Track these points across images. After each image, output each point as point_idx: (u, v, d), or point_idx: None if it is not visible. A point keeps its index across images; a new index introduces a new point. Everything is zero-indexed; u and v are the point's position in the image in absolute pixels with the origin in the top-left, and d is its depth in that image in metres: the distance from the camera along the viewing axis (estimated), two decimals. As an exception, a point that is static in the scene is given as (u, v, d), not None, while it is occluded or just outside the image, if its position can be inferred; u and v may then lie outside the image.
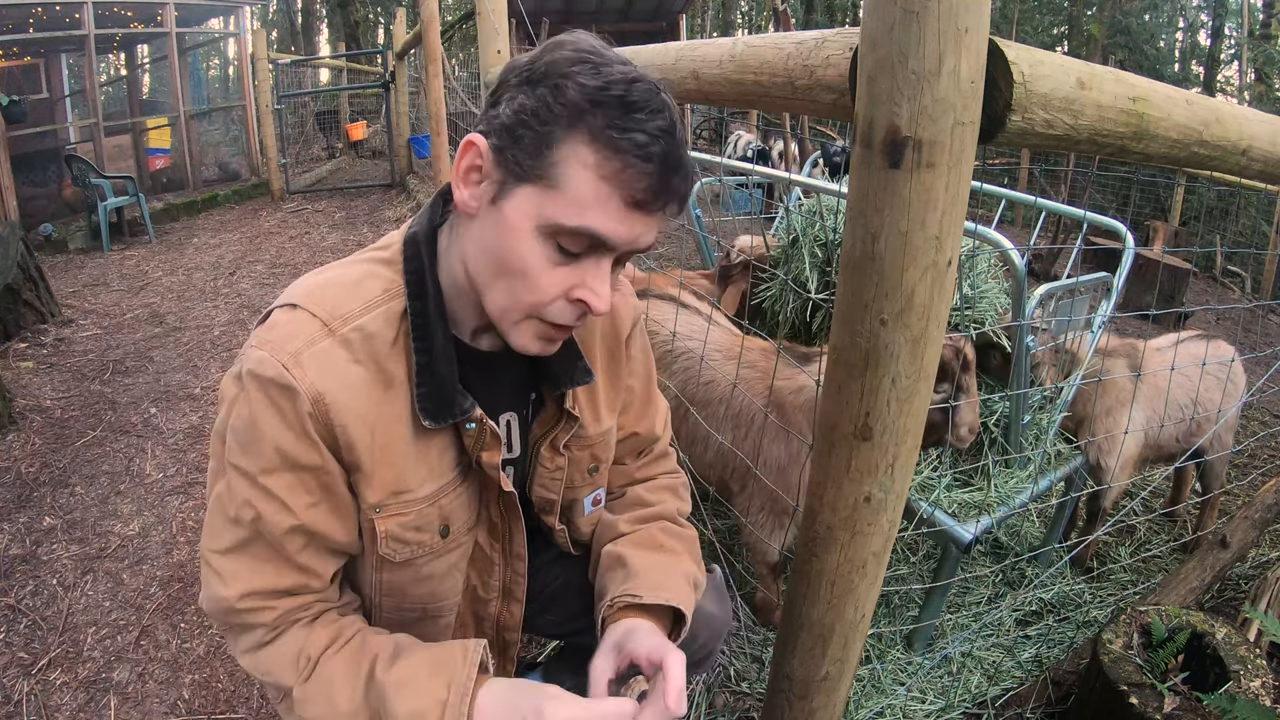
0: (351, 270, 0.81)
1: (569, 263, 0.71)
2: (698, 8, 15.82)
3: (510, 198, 0.70)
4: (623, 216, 0.69)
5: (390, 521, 0.81)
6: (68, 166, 6.25)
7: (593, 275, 0.72)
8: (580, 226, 0.68)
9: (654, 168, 0.67)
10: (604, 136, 0.66)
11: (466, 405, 0.79)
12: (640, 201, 0.68)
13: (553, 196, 0.68)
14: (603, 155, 0.67)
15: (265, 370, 0.73)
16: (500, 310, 0.75)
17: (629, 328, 0.99)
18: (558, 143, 0.67)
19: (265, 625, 0.78)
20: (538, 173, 0.68)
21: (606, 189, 0.67)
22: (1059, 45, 15.27)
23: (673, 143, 0.68)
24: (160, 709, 1.65)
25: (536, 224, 0.69)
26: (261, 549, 0.77)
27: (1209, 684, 1.44)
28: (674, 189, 0.70)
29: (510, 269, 0.71)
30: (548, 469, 0.94)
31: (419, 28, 5.37)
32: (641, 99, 0.67)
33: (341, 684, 0.76)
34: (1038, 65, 0.73)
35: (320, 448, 0.75)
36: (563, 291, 0.72)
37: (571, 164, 0.67)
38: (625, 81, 0.67)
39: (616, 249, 0.71)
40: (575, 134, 0.67)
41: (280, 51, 14.36)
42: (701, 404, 1.82)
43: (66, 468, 2.62)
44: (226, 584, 0.77)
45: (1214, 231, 7.96)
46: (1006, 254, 1.55)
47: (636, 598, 0.89)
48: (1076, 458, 2.02)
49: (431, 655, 0.78)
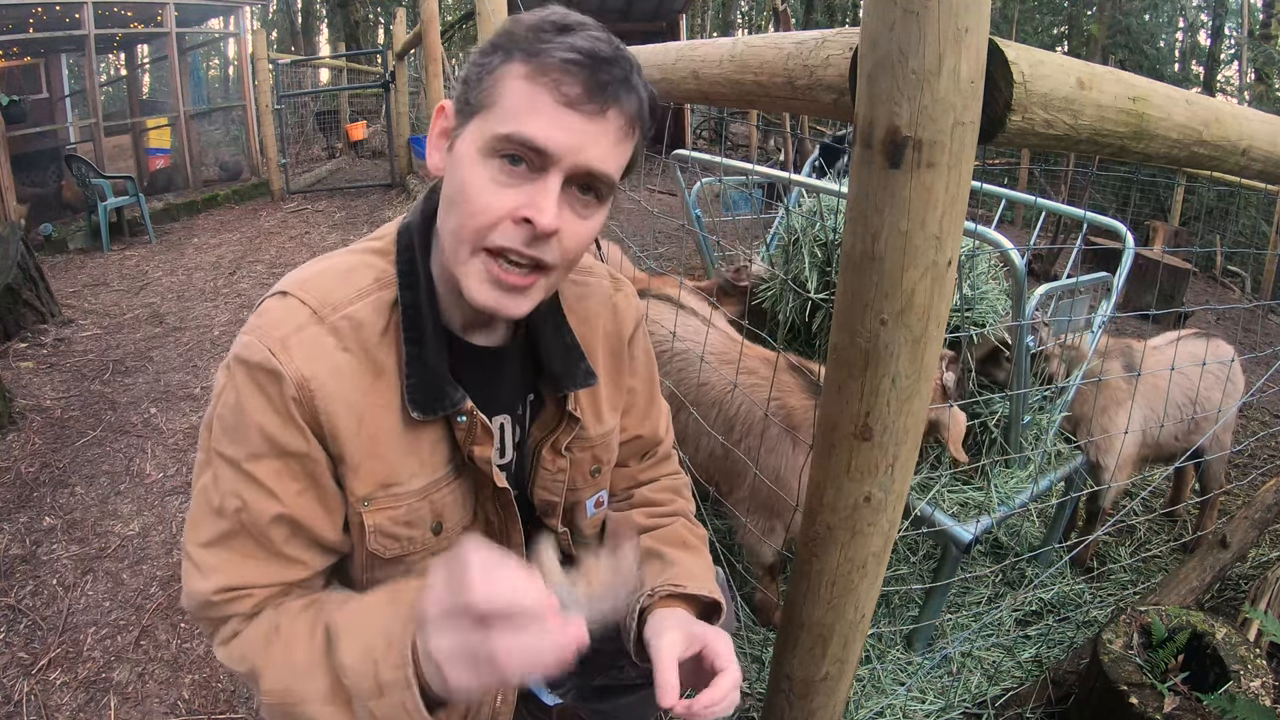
0: (345, 259, 0.81)
1: (514, 184, 0.70)
2: (698, 8, 15.82)
3: (461, 136, 0.72)
4: (555, 116, 0.68)
5: (379, 515, 0.79)
6: (68, 166, 6.25)
7: (539, 193, 0.69)
8: (513, 131, 0.68)
9: (583, 60, 0.67)
10: (534, 49, 0.68)
11: (457, 397, 0.78)
12: (572, 98, 0.68)
13: (491, 115, 0.70)
14: (533, 65, 0.68)
15: (252, 355, 0.72)
16: (452, 250, 0.73)
17: (632, 328, 0.98)
18: (498, 71, 0.70)
19: (241, 614, 0.76)
20: (481, 101, 0.71)
21: (535, 89, 0.68)
22: (1059, 45, 15.27)
23: (608, 47, 0.69)
24: (160, 709, 1.65)
25: (479, 146, 0.70)
26: (244, 543, 0.75)
27: (1209, 684, 1.44)
28: (608, 89, 0.69)
29: (458, 198, 0.71)
30: (549, 471, 0.93)
31: (419, 28, 5.37)
32: (578, 23, 0.70)
33: (300, 640, 0.72)
34: (1038, 65, 0.73)
35: (305, 433, 0.74)
36: (507, 212, 0.70)
37: (505, 79, 0.69)
38: (565, 13, 0.70)
39: (556, 157, 0.68)
40: (511, 57, 0.69)
41: (280, 51, 14.36)
42: (694, 405, 1.82)
43: (66, 468, 2.62)
44: (205, 577, 0.75)
45: (1214, 231, 7.96)
46: (1006, 254, 1.55)
47: (680, 587, 0.89)
48: (1076, 458, 2.02)
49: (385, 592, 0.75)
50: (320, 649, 0.70)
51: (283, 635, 0.73)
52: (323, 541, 0.79)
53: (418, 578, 0.72)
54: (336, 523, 0.80)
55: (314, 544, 0.79)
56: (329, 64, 13.82)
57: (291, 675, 0.70)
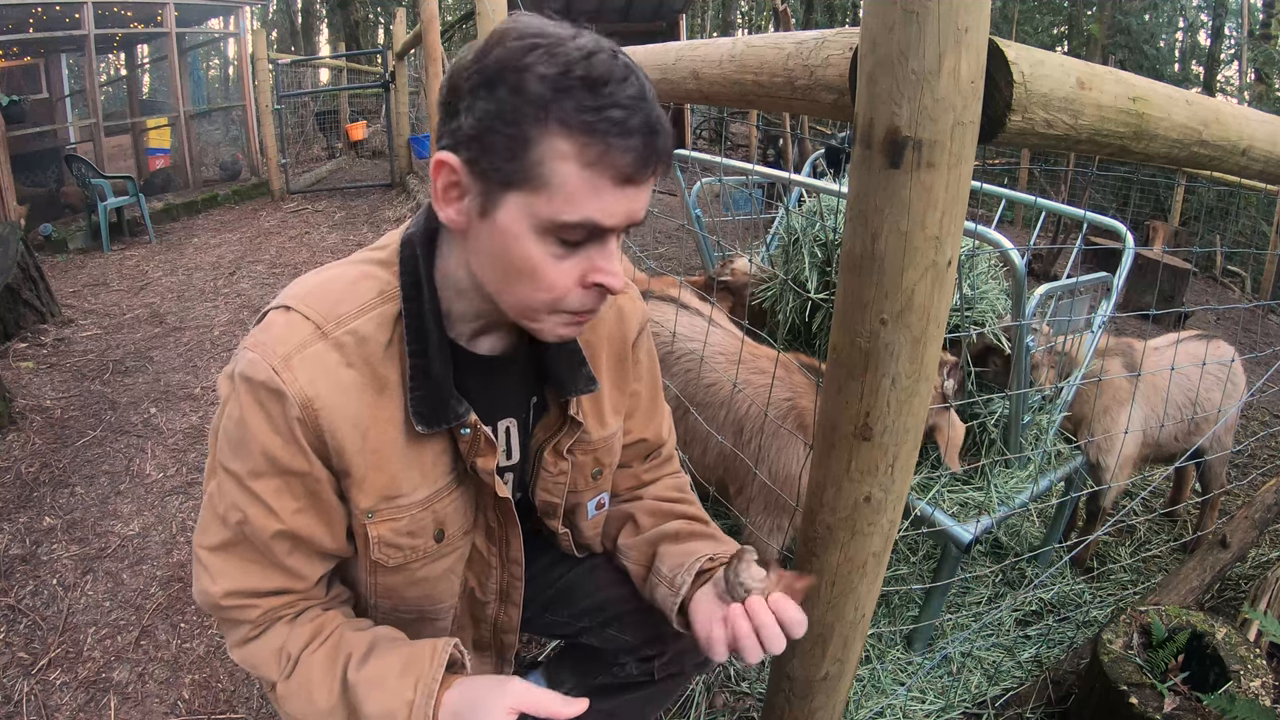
0: (348, 271, 0.80)
1: (573, 253, 0.70)
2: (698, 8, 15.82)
3: (500, 207, 0.68)
4: (616, 197, 0.67)
5: (383, 527, 0.80)
6: (68, 166, 6.25)
7: (601, 258, 0.71)
8: (579, 220, 0.67)
9: (636, 140, 0.65)
10: (578, 123, 0.63)
11: (461, 411, 0.79)
12: (630, 177, 0.66)
13: (543, 196, 0.66)
14: (581, 143, 0.64)
15: (256, 373, 0.73)
16: (521, 311, 0.74)
17: (636, 331, 0.98)
18: (533, 142, 0.64)
19: (250, 622, 0.80)
20: (520, 176, 0.66)
21: (593, 174, 0.65)
22: (1059, 45, 15.27)
23: (647, 106, 0.65)
24: (160, 709, 1.65)
25: (533, 225, 0.67)
26: (247, 550, 0.78)
27: (1209, 684, 1.44)
28: (660, 152, 0.68)
29: (520, 273, 0.70)
30: (551, 473, 0.93)
31: (419, 28, 5.37)
32: (604, 72, 0.64)
33: (320, 683, 0.77)
34: (1038, 65, 0.73)
35: (308, 453, 0.74)
36: (576, 282, 0.71)
37: (553, 160, 0.64)
38: (583, 59, 0.63)
39: (617, 229, 0.70)
40: (548, 128, 0.64)
41: (280, 51, 14.38)
42: (702, 405, 1.82)
43: (66, 468, 2.62)
44: (214, 580, 0.78)
45: (1214, 231, 7.96)
46: (1006, 254, 1.55)
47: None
48: (1076, 458, 2.02)
49: (401, 655, 0.79)
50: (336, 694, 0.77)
51: (299, 671, 0.79)
52: (325, 551, 0.81)
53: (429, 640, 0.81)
54: (338, 534, 0.81)
55: (316, 555, 0.81)
56: (329, 64, 13.81)
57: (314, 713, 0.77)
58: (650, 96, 0.67)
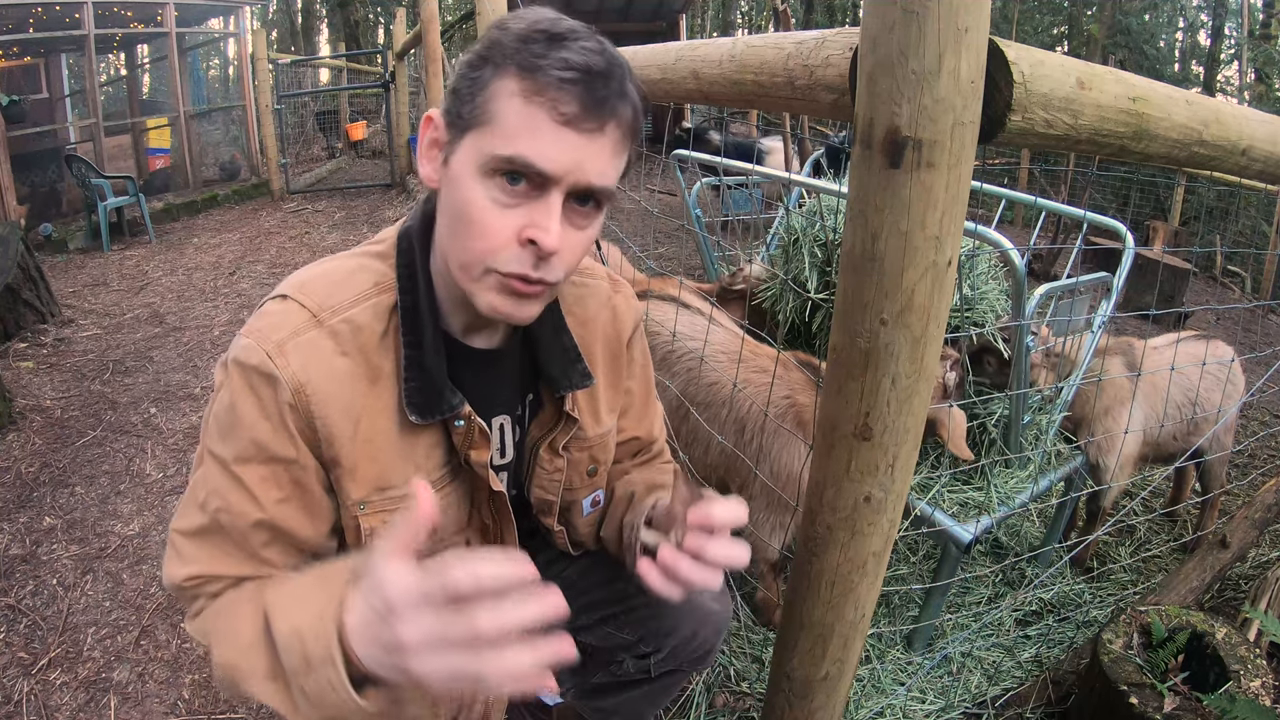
0: (345, 263, 0.81)
1: (515, 204, 0.69)
2: (698, 8, 15.81)
3: (456, 152, 0.71)
4: (555, 136, 0.66)
5: (375, 519, 0.80)
6: (68, 166, 6.25)
7: (539, 213, 0.69)
8: (512, 154, 0.67)
9: (579, 78, 0.66)
10: (528, 63, 0.66)
11: (455, 402, 0.79)
12: (570, 117, 0.66)
13: (487, 132, 0.68)
14: (528, 80, 0.66)
15: (249, 358, 0.73)
16: (460, 268, 0.73)
17: (630, 330, 0.98)
18: (489, 83, 0.68)
19: (208, 594, 0.77)
20: (475, 116, 0.68)
21: (533, 109, 0.66)
22: (1059, 45, 15.26)
23: (601, 59, 0.67)
24: (160, 709, 1.65)
25: (478, 165, 0.69)
26: (223, 540, 0.76)
27: (1209, 684, 1.44)
28: (607, 104, 0.67)
29: (461, 219, 0.70)
30: (546, 470, 0.93)
31: (419, 28, 5.37)
32: (569, 30, 0.68)
33: (245, 618, 0.72)
34: (1038, 65, 0.73)
35: (296, 440, 0.74)
36: (512, 234, 0.69)
37: (500, 97, 0.67)
38: (553, 19, 0.68)
39: (556, 177, 0.68)
40: (504, 71, 0.67)
41: (280, 51, 14.38)
42: (703, 405, 1.82)
43: (66, 468, 2.62)
44: (183, 564, 0.76)
45: (1214, 231, 7.95)
46: (1006, 254, 1.55)
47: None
48: (1076, 458, 2.02)
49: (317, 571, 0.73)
50: (260, 626, 0.69)
51: (233, 612, 0.74)
52: (303, 545, 0.79)
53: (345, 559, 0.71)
54: (320, 528, 0.80)
55: (293, 548, 0.79)
56: (329, 64, 13.81)
57: (237, 652, 0.70)
58: (610, 55, 0.68)
